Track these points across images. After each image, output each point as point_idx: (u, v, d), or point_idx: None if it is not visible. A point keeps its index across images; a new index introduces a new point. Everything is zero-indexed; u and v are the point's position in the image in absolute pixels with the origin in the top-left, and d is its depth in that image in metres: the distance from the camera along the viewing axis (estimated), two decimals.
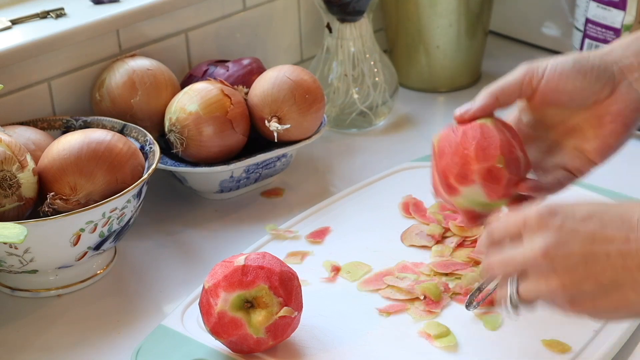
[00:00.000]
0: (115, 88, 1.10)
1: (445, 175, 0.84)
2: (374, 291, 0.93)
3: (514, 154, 0.83)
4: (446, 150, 0.84)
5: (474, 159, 0.83)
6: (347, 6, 1.21)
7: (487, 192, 0.84)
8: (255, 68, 1.16)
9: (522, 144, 0.85)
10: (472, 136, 0.83)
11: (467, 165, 0.83)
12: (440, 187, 0.85)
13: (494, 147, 0.83)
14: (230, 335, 0.83)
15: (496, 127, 0.84)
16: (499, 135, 0.83)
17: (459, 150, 0.83)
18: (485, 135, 0.83)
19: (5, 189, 0.90)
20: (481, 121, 0.84)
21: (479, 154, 0.82)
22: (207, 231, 1.07)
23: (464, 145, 0.83)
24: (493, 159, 0.82)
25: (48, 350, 0.90)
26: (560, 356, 0.83)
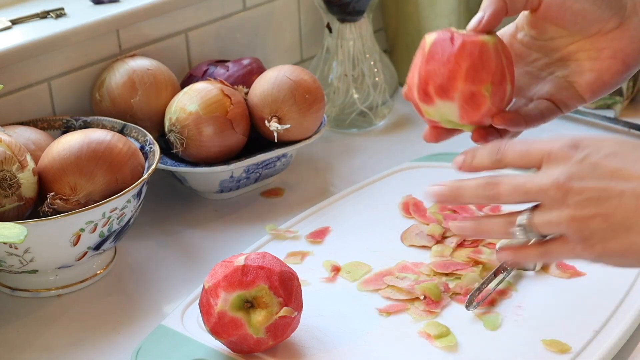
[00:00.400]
0: (115, 88, 1.10)
1: (425, 81, 0.78)
2: (374, 291, 0.93)
3: (503, 85, 0.78)
4: (436, 56, 0.78)
5: (462, 77, 0.77)
6: (347, 6, 1.21)
7: (461, 114, 0.78)
8: (255, 68, 1.16)
9: (513, 74, 0.79)
10: (469, 52, 0.77)
11: (452, 81, 0.77)
12: (415, 90, 0.79)
13: (487, 73, 0.77)
14: (230, 335, 0.83)
15: (495, 50, 0.77)
16: (495, 60, 0.77)
17: (449, 62, 0.77)
18: (482, 56, 0.77)
19: (5, 189, 0.90)
20: (484, 38, 0.77)
21: (470, 74, 0.77)
22: (207, 231, 1.07)
23: (457, 58, 0.77)
24: (481, 84, 0.77)
25: (48, 350, 0.90)
26: (560, 356, 0.83)
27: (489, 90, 0.77)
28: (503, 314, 0.89)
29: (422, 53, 0.79)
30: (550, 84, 0.82)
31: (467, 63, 0.77)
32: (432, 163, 1.15)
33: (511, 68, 0.79)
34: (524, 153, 0.72)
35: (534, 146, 0.72)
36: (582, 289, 0.92)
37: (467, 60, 0.77)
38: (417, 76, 0.79)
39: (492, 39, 0.78)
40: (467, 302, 0.89)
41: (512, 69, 0.79)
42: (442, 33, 0.79)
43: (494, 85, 0.77)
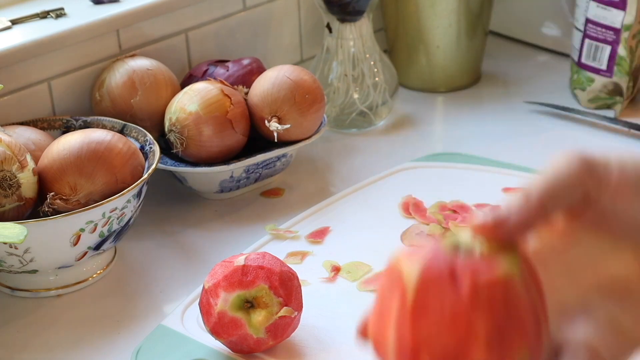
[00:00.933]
0: (115, 88, 1.10)
1: (414, 349, 0.47)
2: (374, 291, 0.93)
3: (541, 341, 0.47)
4: (431, 310, 0.46)
5: (481, 350, 0.46)
6: (347, 6, 1.21)
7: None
8: (255, 68, 1.16)
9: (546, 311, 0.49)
10: (487, 301, 0.46)
11: (465, 354, 0.46)
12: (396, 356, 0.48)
13: (519, 332, 0.46)
14: (230, 335, 0.83)
15: (526, 288, 0.47)
16: (528, 307, 0.47)
17: (457, 322, 0.46)
18: (509, 306, 0.46)
19: (5, 189, 0.90)
20: (504, 269, 0.47)
21: (492, 342, 0.46)
22: (207, 231, 1.07)
23: (469, 315, 0.46)
24: (514, 353, 0.46)
25: (48, 350, 0.90)
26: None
27: (525, 358, 0.47)
28: None
29: (401, 296, 0.47)
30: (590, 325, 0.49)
31: (486, 324, 0.46)
32: (432, 163, 1.15)
33: (544, 303, 0.49)
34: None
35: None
36: None
37: (487, 319, 0.46)
38: (394, 335, 0.48)
39: (517, 267, 0.47)
40: None
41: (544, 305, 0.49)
42: (431, 262, 0.47)
43: (530, 349, 0.47)
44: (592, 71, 1.29)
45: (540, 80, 1.39)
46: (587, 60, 1.29)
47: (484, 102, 1.35)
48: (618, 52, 1.26)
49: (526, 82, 1.39)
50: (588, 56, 1.28)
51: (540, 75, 1.41)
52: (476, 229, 0.48)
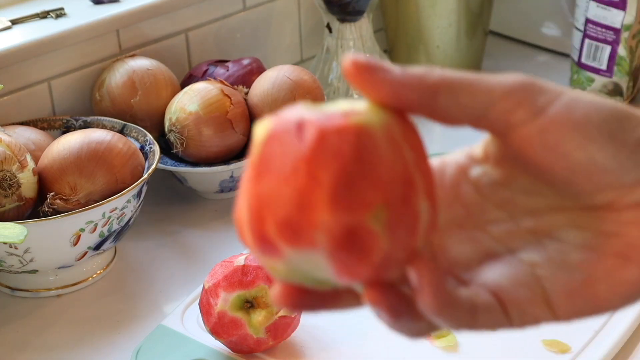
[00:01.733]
0: (115, 88, 1.10)
1: (258, 215, 0.40)
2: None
3: (410, 203, 0.40)
4: (273, 165, 0.40)
5: (324, 202, 0.38)
6: (347, 6, 1.21)
7: (336, 269, 0.40)
8: (255, 68, 1.16)
9: (431, 181, 0.41)
10: (333, 151, 0.39)
11: (307, 210, 0.39)
12: (247, 233, 0.41)
13: (374, 186, 0.39)
14: (230, 335, 0.83)
15: (389, 138, 0.40)
16: (391, 158, 0.39)
17: (298, 173, 0.39)
18: (361, 155, 0.39)
19: (5, 189, 0.90)
20: (361, 120, 0.40)
21: (338, 193, 0.38)
22: (207, 231, 1.07)
23: (311, 164, 0.39)
24: (365, 209, 0.39)
25: (48, 350, 0.90)
26: (560, 356, 0.83)
27: (382, 218, 0.39)
28: None
29: (250, 161, 0.41)
30: (506, 271, 0.43)
31: (330, 172, 0.38)
32: None
33: (425, 167, 0.41)
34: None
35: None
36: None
37: (331, 167, 0.39)
38: (244, 207, 0.41)
39: (381, 118, 0.40)
40: None
41: (426, 169, 0.41)
42: (282, 120, 0.41)
43: (389, 207, 0.39)
44: (592, 71, 1.29)
45: None
46: (587, 60, 1.29)
47: None
48: (618, 52, 1.26)
49: None
50: (588, 56, 1.28)
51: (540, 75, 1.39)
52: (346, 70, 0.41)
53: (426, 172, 0.41)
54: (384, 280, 0.41)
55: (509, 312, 0.42)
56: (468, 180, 0.46)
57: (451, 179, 0.46)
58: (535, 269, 0.43)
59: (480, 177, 0.45)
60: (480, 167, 0.46)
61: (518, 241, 0.44)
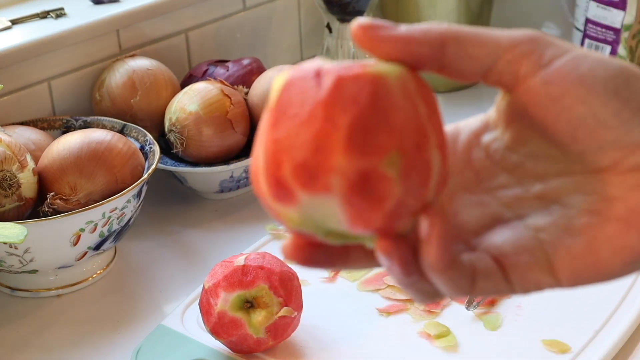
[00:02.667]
0: (115, 88, 1.10)
1: (275, 161, 0.41)
2: (374, 291, 0.93)
3: (424, 153, 0.41)
4: (291, 111, 0.40)
5: (341, 145, 0.39)
6: (347, 6, 1.21)
7: (348, 215, 0.40)
8: (255, 68, 1.16)
9: (443, 135, 0.43)
10: (350, 96, 0.40)
11: (323, 153, 0.39)
12: (261, 179, 0.41)
13: (389, 132, 0.40)
14: (230, 335, 0.83)
15: (403, 89, 0.41)
16: (404, 108, 0.40)
17: (315, 118, 0.40)
18: (377, 101, 0.40)
19: (5, 189, 0.90)
20: (378, 70, 0.41)
21: (355, 138, 0.39)
22: (207, 231, 1.07)
23: (328, 109, 0.40)
24: (380, 154, 0.40)
25: (48, 350, 0.90)
26: (560, 356, 0.83)
27: (396, 164, 0.40)
28: (503, 314, 0.89)
29: (269, 109, 0.42)
30: (510, 235, 0.44)
31: (347, 117, 0.39)
32: None
33: (437, 122, 0.42)
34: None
35: None
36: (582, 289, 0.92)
37: (348, 112, 0.39)
38: (262, 153, 0.41)
39: (396, 70, 0.41)
40: (467, 302, 0.89)
41: (438, 124, 0.42)
42: (300, 70, 0.42)
43: (404, 154, 0.40)
44: None
45: None
46: None
47: (484, 102, 1.34)
48: (618, 52, 1.26)
49: None
50: None
51: None
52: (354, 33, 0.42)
53: (438, 126, 0.42)
54: (396, 231, 0.41)
55: (509, 277, 0.42)
56: (480, 145, 0.46)
57: (463, 144, 0.46)
58: (539, 234, 0.43)
59: (491, 143, 0.46)
60: (492, 132, 0.46)
61: (526, 207, 0.44)
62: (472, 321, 0.88)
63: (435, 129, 0.41)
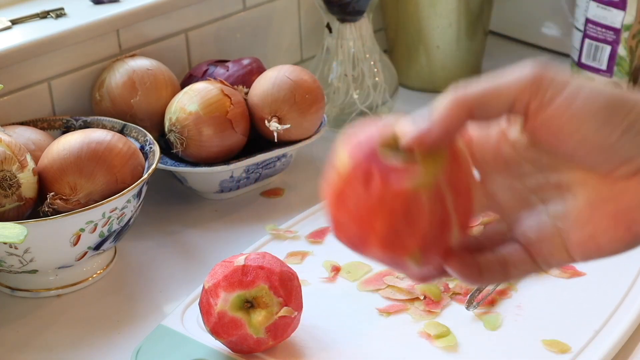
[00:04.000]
0: (115, 88, 1.10)
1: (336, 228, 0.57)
2: (374, 291, 0.93)
3: (444, 235, 0.53)
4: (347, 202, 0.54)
5: (377, 242, 0.54)
6: (347, 6, 1.21)
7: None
8: (255, 68, 1.16)
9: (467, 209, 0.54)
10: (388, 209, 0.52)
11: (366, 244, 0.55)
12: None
13: (413, 237, 0.53)
14: (230, 335, 0.83)
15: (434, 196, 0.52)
16: (429, 214, 0.52)
17: (361, 217, 0.53)
18: (408, 213, 0.52)
19: (5, 189, 0.90)
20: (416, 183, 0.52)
21: (388, 240, 0.53)
22: (207, 231, 1.07)
23: (371, 215, 0.53)
24: (404, 253, 0.53)
25: (48, 350, 0.90)
26: (560, 356, 0.83)
27: (417, 257, 0.54)
28: (503, 314, 0.89)
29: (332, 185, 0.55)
30: (534, 223, 0.55)
31: (383, 225, 0.52)
32: None
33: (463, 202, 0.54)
34: None
35: None
36: (582, 289, 0.92)
37: (384, 221, 0.52)
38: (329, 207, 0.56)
39: (429, 177, 0.52)
40: (467, 302, 0.89)
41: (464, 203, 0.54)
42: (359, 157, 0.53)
43: (423, 250, 0.53)
44: (592, 71, 1.29)
45: None
46: (587, 60, 1.29)
47: None
48: (618, 52, 1.26)
49: None
50: (588, 56, 1.28)
51: None
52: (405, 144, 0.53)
53: (463, 204, 0.54)
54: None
55: (536, 261, 0.55)
56: (507, 140, 0.56)
57: (494, 138, 0.56)
58: (557, 222, 0.55)
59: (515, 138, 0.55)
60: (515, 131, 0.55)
61: (547, 194, 0.55)
62: (472, 321, 0.88)
63: (460, 208, 0.53)
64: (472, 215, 0.55)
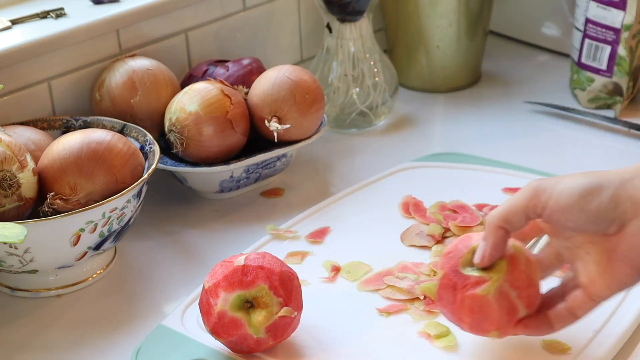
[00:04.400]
0: (115, 88, 1.10)
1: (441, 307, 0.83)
2: (374, 291, 0.93)
3: (513, 319, 0.80)
4: (443, 301, 0.82)
5: (467, 328, 0.81)
6: (347, 6, 1.21)
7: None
8: (255, 68, 1.16)
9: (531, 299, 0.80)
10: (469, 308, 0.79)
11: (461, 326, 0.82)
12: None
13: (490, 323, 0.80)
14: (230, 335, 0.83)
15: (498, 297, 0.79)
16: (498, 309, 0.79)
17: (454, 313, 0.81)
18: (483, 309, 0.79)
19: (5, 189, 0.90)
20: (484, 290, 0.79)
21: (474, 326, 0.81)
22: (207, 231, 1.07)
23: (459, 312, 0.80)
24: (487, 333, 0.81)
25: (48, 350, 0.90)
26: (560, 356, 0.83)
27: (496, 334, 0.81)
28: None
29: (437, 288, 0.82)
30: (584, 270, 0.79)
31: (468, 318, 0.80)
32: (432, 163, 1.15)
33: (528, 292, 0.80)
34: None
35: None
36: None
37: (468, 316, 0.80)
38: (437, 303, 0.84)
39: (494, 285, 0.79)
40: None
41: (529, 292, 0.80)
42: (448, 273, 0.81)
43: (500, 329, 0.80)
44: (592, 71, 1.29)
45: (540, 80, 1.39)
46: (587, 60, 1.29)
47: (484, 102, 1.35)
48: (618, 52, 1.26)
49: (526, 82, 1.39)
50: (588, 56, 1.28)
51: (540, 75, 1.41)
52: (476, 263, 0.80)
53: (527, 295, 0.80)
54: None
55: (593, 299, 0.79)
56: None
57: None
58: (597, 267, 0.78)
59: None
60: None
61: (572, 253, 0.80)
62: None
63: (525, 297, 0.80)
64: (536, 297, 0.81)
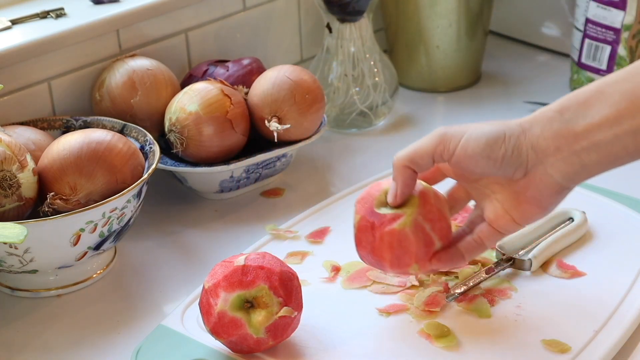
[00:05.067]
0: (115, 88, 1.10)
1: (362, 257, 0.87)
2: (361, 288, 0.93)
3: (430, 249, 0.83)
4: (363, 243, 0.85)
5: (388, 266, 0.84)
6: (347, 6, 1.21)
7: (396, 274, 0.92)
8: (255, 68, 1.16)
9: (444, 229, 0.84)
10: (388, 244, 0.83)
11: (381, 266, 0.85)
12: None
13: (409, 257, 0.83)
14: (230, 335, 0.83)
15: (415, 229, 0.83)
16: (416, 241, 0.82)
17: (374, 253, 0.84)
18: (402, 244, 0.83)
19: (5, 189, 0.90)
20: (400, 224, 0.82)
21: (394, 263, 0.84)
22: (207, 231, 1.07)
23: (379, 251, 0.83)
24: (407, 267, 0.84)
25: (48, 350, 0.90)
26: (560, 356, 0.83)
27: (415, 268, 0.84)
28: (503, 314, 0.89)
29: (354, 233, 0.86)
30: (491, 207, 0.84)
31: (389, 254, 0.83)
32: None
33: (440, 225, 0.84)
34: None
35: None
36: (582, 289, 0.92)
37: (389, 252, 0.83)
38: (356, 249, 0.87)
39: (409, 218, 0.83)
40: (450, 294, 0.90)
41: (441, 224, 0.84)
42: (365, 215, 0.84)
43: (419, 262, 0.84)
44: (592, 71, 1.29)
45: (540, 80, 1.39)
46: (587, 60, 1.29)
47: (484, 102, 1.35)
48: (618, 52, 1.26)
49: (526, 82, 1.39)
50: (588, 56, 1.28)
51: (540, 75, 1.41)
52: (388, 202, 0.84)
53: (441, 226, 0.84)
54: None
55: (500, 232, 0.84)
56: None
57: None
58: (503, 205, 0.83)
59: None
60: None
61: (479, 192, 0.85)
62: (472, 321, 0.88)
63: (438, 231, 0.84)
64: (448, 229, 0.85)
